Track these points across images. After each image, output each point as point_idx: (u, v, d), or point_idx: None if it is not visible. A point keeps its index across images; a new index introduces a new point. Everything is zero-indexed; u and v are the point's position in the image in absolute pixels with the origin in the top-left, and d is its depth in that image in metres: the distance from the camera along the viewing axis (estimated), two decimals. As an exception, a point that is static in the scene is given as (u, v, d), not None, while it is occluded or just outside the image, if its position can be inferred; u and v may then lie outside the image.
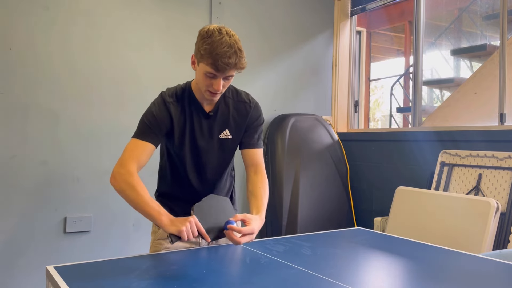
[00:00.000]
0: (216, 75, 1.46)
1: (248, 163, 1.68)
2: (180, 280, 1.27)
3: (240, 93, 1.69)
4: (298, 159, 3.45)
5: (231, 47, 1.42)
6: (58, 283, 1.21)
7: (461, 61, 5.77)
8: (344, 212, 3.57)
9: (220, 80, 1.47)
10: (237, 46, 1.44)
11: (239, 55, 1.44)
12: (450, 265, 1.49)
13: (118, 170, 1.53)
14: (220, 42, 1.41)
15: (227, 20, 3.42)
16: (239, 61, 1.44)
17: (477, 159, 2.75)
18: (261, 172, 1.66)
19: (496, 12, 5.05)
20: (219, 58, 1.41)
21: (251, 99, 1.70)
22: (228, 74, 1.47)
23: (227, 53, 1.41)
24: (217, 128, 1.63)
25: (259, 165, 1.67)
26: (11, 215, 2.68)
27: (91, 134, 2.91)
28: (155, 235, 1.73)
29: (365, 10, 3.97)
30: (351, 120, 4.04)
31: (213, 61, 1.42)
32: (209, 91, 1.51)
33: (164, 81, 3.10)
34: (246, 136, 1.68)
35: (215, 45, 1.41)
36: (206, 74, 1.47)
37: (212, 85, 1.48)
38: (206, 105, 1.61)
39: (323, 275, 1.32)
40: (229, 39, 1.42)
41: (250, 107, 1.67)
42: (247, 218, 1.48)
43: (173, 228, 1.40)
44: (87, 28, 2.90)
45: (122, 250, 2.98)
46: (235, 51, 1.42)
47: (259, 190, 1.61)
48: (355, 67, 4.11)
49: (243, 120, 1.66)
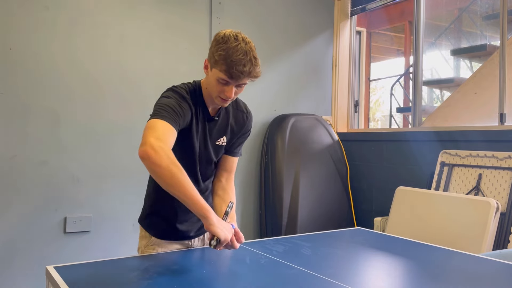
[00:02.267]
0: (229, 82, 1.42)
1: (224, 168, 1.70)
2: (180, 280, 1.27)
3: (239, 102, 1.69)
4: (298, 159, 3.45)
5: (246, 54, 1.38)
6: (58, 283, 1.21)
7: (461, 61, 5.77)
8: (344, 212, 3.57)
9: (232, 88, 1.44)
10: (253, 54, 1.40)
11: (254, 63, 1.40)
12: (450, 265, 1.49)
13: (159, 144, 1.28)
14: (235, 49, 1.38)
15: (227, 20, 3.42)
16: (253, 70, 1.40)
17: (477, 159, 2.74)
18: (231, 180, 1.71)
19: (496, 12, 5.05)
20: (234, 65, 1.37)
21: (247, 109, 1.71)
22: (242, 82, 1.43)
23: (242, 60, 1.37)
24: (216, 133, 1.62)
25: (232, 172, 1.72)
26: (11, 215, 2.68)
27: (91, 134, 2.91)
28: (146, 241, 1.67)
29: (365, 10, 3.97)
30: (351, 120, 4.04)
31: (227, 68, 1.38)
32: (220, 97, 1.48)
33: (164, 81, 3.09)
34: (234, 144, 1.69)
35: (230, 52, 1.38)
36: (219, 80, 1.43)
37: (224, 91, 1.44)
38: (211, 109, 1.60)
39: (323, 275, 1.32)
40: (244, 46, 1.39)
41: (246, 117, 1.69)
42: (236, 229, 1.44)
43: (222, 234, 1.29)
44: (87, 28, 2.90)
45: (122, 250, 2.98)
46: (250, 59, 1.39)
47: (229, 197, 1.65)
48: (355, 67, 4.11)
49: (239, 129, 1.67)
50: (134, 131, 3.04)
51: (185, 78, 3.27)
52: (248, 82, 1.46)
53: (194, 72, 3.22)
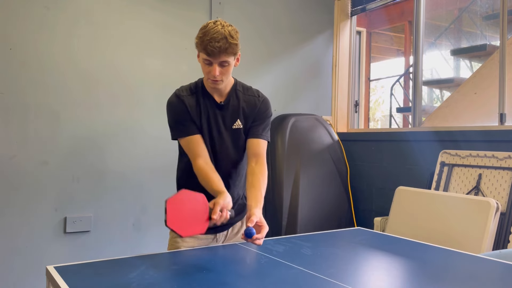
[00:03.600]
0: (210, 60, 1.55)
1: (251, 153, 1.71)
2: (180, 280, 1.27)
3: (250, 88, 1.78)
4: (298, 159, 3.45)
5: (220, 33, 1.52)
6: (58, 283, 1.21)
7: (461, 61, 5.77)
8: (344, 212, 3.57)
9: (216, 66, 1.56)
10: (228, 33, 1.53)
11: (229, 40, 1.53)
12: (450, 265, 1.49)
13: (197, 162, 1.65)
14: (211, 30, 1.53)
15: (227, 20, 3.39)
16: (229, 46, 1.53)
17: (477, 159, 2.74)
18: (262, 163, 1.68)
19: (496, 12, 5.05)
20: (208, 42, 1.52)
21: (260, 94, 1.79)
22: (222, 59, 1.55)
23: (216, 38, 1.51)
24: (229, 118, 1.70)
25: (261, 155, 1.69)
26: (11, 215, 2.68)
27: (91, 134, 2.91)
28: (172, 233, 1.78)
29: (365, 10, 3.97)
30: (351, 120, 4.04)
31: (204, 46, 1.53)
32: (210, 80, 1.61)
33: (164, 81, 3.10)
34: (253, 126, 1.73)
35: (206, 33, 1.53)
36: (204, 61, 1.57)
37: (210, 71, 1.57)
38: (216, 97, 1.69)
39: (323, 275, 1.32)
40: (221, 29, 1.53)
41: (259, 100, 1.75)
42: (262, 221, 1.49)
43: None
44: (87, 28, 2.90)
45: (122, 250, 2.98)
46: (225, 37, 1.52)
47: (259, 181, 1.63)
48: (355, 67, 4.11)
49: (252, 111, 1.73)
50: (134, 131, 3.04)
51: (185, 78, 3.26)
52: (230, 60, 1.56)
53: (194, 72, 3.22)
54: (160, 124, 3.12)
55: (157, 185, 3.11)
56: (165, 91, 3.20)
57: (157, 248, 2.85)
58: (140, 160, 3.07)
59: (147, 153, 3.09)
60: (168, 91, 3.11)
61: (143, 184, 3.08)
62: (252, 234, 1.41)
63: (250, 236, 1.41)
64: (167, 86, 3.29)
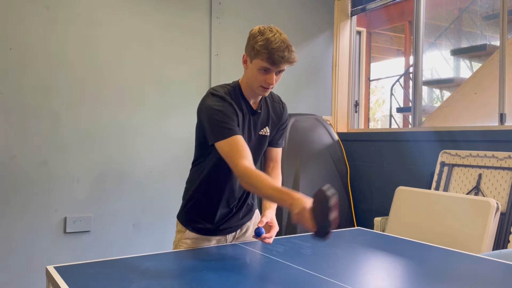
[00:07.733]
0: (270, 69, 1.55)
1: (269, 158, 1.83)
2: (180, 280, 1.27)
3: (273, 94, 1.83)
4: (298, 159, 3.45)
5: (283, 42, 1.53)
6: (58, 283, 1.21)
7: (461, 61, 5.77)
8: (344, 212, 3.57)
9: (273, 75, 1.57)
10: (288, 42, 1.55)
11: (291, 50, 1.55)
12: (450, 265, 1.49)
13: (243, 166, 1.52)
14: (273, 38, 1.53)
15: (227, 20, 3.42)
16: (290, 55, 1.55)
17: (477, 159, 2.74)
18: (278, 168, 1.83)
19: (496, 12, 5.04)
20: (275, 51, 1.51)
21: (282, 101, 1.85)
22: (281, 68, 1.57)
23: (281, 47, 1.52)
24: (260, 125, 1.73)
25: (278, 162, 1.84)
26: (11, 215, 2.68)
27: (91, 134, 2.91)
28: (181, 235, 1.73)
29: (365, 10, 3.97)
30: (351, 120, 4.03)
31: (269, 55, 1.52)
32: (262, 87, 1.60)
33: (164, 81, 3.10)
34: (276, 136, 1.81)
35: (269, 41, 1.52)
36: (261, 69, 1.56)
37: (266, 79, 1.58)
38: (252, 103, 1.71)
39: (323, 275, 1.32)
40: (280, 36, 1.54)
41: (283, 108, 1.82)
42: (272, 222, 1.64)
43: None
44: (87, 28, 2.90)
45: (122, 250, 2.98)
46: (287, 46, 1.53)
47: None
48: (355, 67, 4.11)
49: (278, 120, 1.79)
50: (134, 131, 3.04)
51: (185, 78, 3.28)
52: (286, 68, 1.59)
53: (194, 72, 3.22)
54: (160, 124, 3.12)
55: (157, 185, 3.11)
56: (165, 91, 3.21)
57: (157, 248, 2.85)
58: (140, 160, 3.06)
59: (147, 153, 3.09)
60: (168, 91, 3.13)
61: (143, 184, 3.08)
62: (261, 233, 1.54)
63: (259, 235, 1.54)
64: (168, 86, 3.30)
